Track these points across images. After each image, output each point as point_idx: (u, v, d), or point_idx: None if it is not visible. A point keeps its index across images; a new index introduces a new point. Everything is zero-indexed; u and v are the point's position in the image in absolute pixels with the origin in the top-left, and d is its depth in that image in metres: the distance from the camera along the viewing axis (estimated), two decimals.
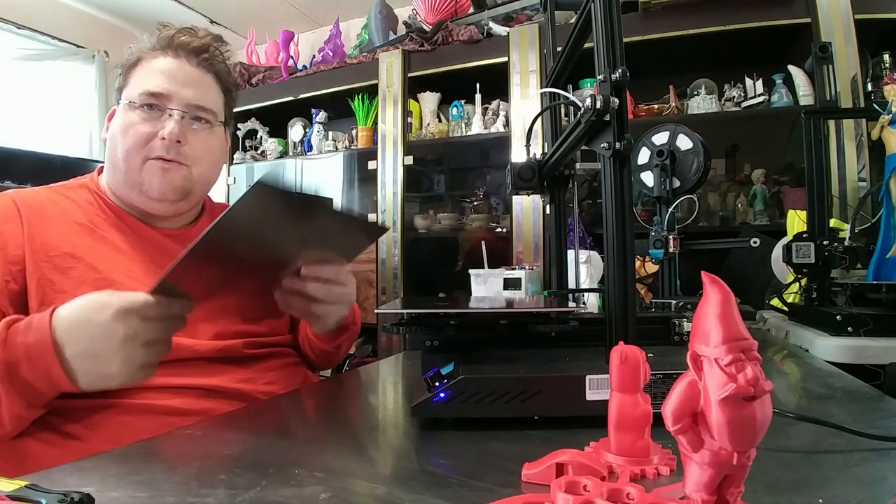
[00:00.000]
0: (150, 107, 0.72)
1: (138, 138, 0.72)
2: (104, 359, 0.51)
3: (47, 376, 0.51)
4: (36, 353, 0.51)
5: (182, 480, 0.38)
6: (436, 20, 2.29)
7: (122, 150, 0.72)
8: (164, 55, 0.75)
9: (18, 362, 0.51)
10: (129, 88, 0.74)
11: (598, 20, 0.51)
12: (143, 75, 0.74)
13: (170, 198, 0.74)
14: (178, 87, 0.73)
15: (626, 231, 0.49)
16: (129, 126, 0.72)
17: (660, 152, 1.00)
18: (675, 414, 0.27)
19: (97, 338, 0.51)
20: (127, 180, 0.73)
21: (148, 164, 0.72)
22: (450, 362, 0.51)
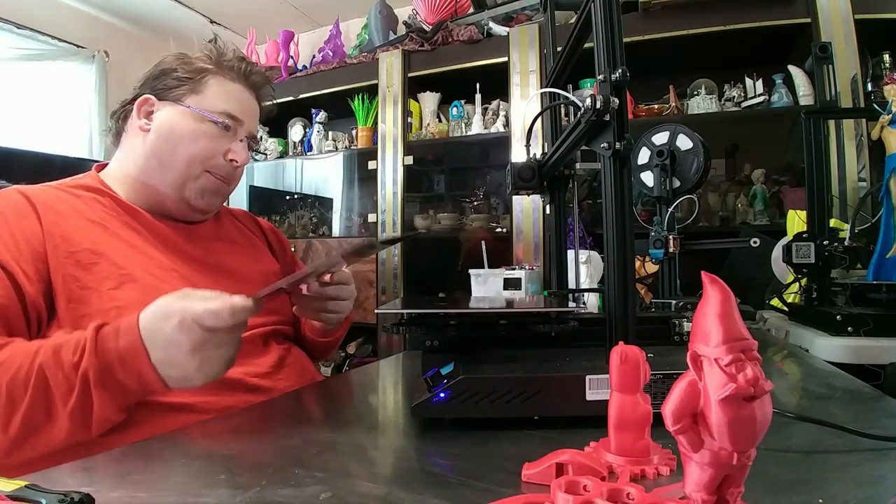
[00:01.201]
0: (225, 126, 0.77)
1: (208, 151, 0.76)
2: (178, 365, 0.52)
3: (139, 378, 0.52)
4: (128, 356, 0.51)
5: (182, 480, 0.38)
6: (436, 20, 2.29)
7: (185, 154, 0.74)
8: (237, 81, 0.80)
9: (112, 366, 0.51)
10: (205, 100, 0.76)
11: (598, 20, 0.51)
12: (224, 94, 0.78)
13: (211, 210, 0.82)
14: (247, 116, 0.80)
15: (626, 231, 0.49)
16: (201, 136, 0.75)
17: (660, 152, 1.00)
18: (675, 414, 0.27)
19: (168, 347, 0.51)
20: (175, 181, 0.75)
21: (205, 177, 0.77)
22: (450, 362, 0.51)
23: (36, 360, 0.52)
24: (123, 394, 0.53)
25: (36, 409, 0.51)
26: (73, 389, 0.50)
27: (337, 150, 2.53)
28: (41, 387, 0.51)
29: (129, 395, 0.53)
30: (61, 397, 0.51)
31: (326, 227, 2.69)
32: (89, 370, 0.51)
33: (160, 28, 2.88)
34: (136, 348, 0.51)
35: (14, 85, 2.60)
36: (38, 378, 0.51)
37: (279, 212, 2.73)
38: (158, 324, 0.51)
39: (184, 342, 0.50)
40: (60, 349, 0.52)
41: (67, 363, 0.51)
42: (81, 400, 0.51)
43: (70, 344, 0.52)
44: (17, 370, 0.51)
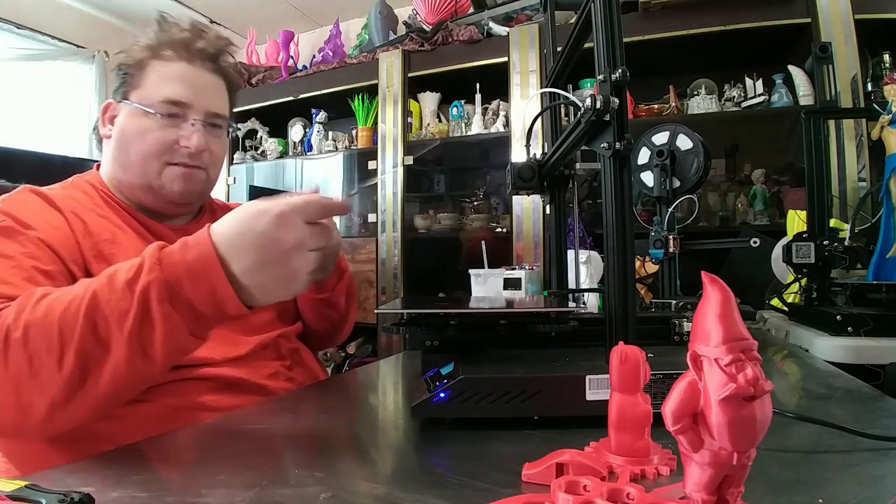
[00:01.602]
0: (170, 115, 0.72)
1: (159, 145, 0.72)
2: (276, 268, 0.46)
3: (212, 295, 0.46)
4: (199, 269, 0.45)
5: (182, 480, 0.38)
6: (436, 20, 2.29)
7: (138, 154, 0.72)
8: (178, 59, 0.74)
9: (180, 281, 0.45)
10: (144, 91, 0.73)
11: (598, 20, 0.51)
12: (161, 80, 0.73)
13: (190, 201, 0.78)
14: (198, 95, 0.74)
15: (626, 231, 0.49)
16: (147, 131, 0.72)
17: (660, 152, 1.00)
18: (675, 414, 0.27)
19: (264, 247, 0.46)
20: (143, 182, 0.73)
21: (168, 169, 0.73)
22: (450, 362, 0.51)
23: (89, 288, 0.47)
24: (193, 314, 0.46)
25: (87, 337, 0.45)
26: (130, 309, 0.45)
27: (337, 151, 2.53)
28: (92, 312, 0.45)
29: (199, 317, 0.47)
30: (116, 320, 0.45)
31: None
32: (150, 286, 0.45)
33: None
34: (208, 261, 0.45)
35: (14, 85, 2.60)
36: (89, 304, 0.45)
37: None
38: (253, 223, 0.46)
39: (285, 237, 0.46)
40: (116, 272, 0.47)
41: (121, 282, 0.46)
42: (140, 319, 0.45)
43: (126, 264, 0.48)
44: (69, 302, 0.46)
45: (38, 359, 0.45)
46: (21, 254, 0.58)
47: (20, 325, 0.46)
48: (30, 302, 0.48)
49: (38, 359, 0.45)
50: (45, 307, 0.47)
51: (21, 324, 0.46)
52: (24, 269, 0.56)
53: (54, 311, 0.46)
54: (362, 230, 2.52)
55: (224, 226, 0.47)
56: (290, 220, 0.46)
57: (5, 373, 0.46)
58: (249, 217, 0.47)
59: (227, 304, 0.46)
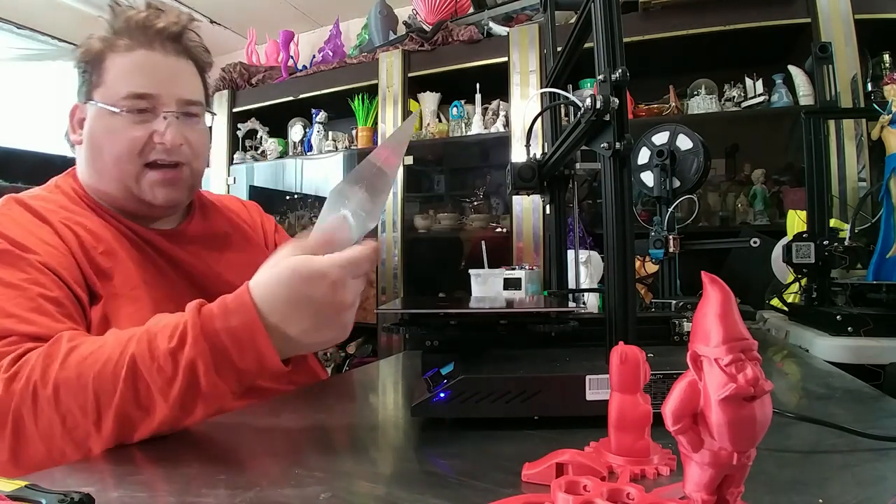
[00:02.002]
0: (138, 110, 0.67)
1: (131, 145, 0.67)
2: (330, 328, 0.46)
3: (258, 361, 0.45)
4: (245, 338, 0.44)
5: (182, 480, 0.38)
6: (436, 20, 2.29)
7: (111, 157, 0.67)
8: (137, 46, 0.68)
9: (226, 351, 0.44)
10: (107, 88, 0.67)
11: (598, 20, 0.51)
12: (122, 73, 0.67)
13: (177, 205, 0.73)
14: (165, 84, 0.68)
15: (626, 231, 0.49)
16: (117, 132, 0.66)
17: (660, 152, 1.00)
18: (675, 414, 0.27)
19: (322, 314, 0.45)
20: (121, 189, 0.69)
21: (148, 175, 0.68)
22: (450, 362, 0.51)
23: (126, 350, 0.45)
24: (238, 379, 0.46)
25: (129, 403, 0.44)
26: (175, 379, 0.44)
27: (337, 151, 2.53)
28: (133, 378, 0.44)
29: (243, 380, 0.46)
30: (160, 389, 0.44)
31: None
32: (197, 359, 0.44)
33: None
34: (254, 329, 0.44)
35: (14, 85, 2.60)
36: (129, 369, 0.44)
37: (279, 212, 2.73)
38: (308, 290, 0.44)
39: (344, 299, 0.45)
40: (156, 337, 0.45)
41: (163, 351, 0.44)
42: (186, 388, 0.44)
43: (166, 329, 0.46)
44: (104, 364, 0.45)
45: (73, 418, 0.45)
46: (24, 280, 0.55)
47: (49, 381, 0.45)
48: (58, 355, 0.46)
49: (73, 418, 0.45)
50: (75, 365, 0.46)
51: (50, 381, 0.45)
52: (31, 299, 0.54)
53: (87, 373, 0.45)
54: None
55: (267, 289, 0.45)
56: (345, 284, 0.45)
57: (35, 428, 0.45)
58: (303, 283, 0.44)
59: (273, 367, 0.46)
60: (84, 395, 0.44)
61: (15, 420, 0.45)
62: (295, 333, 0.45)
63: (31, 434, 0.45)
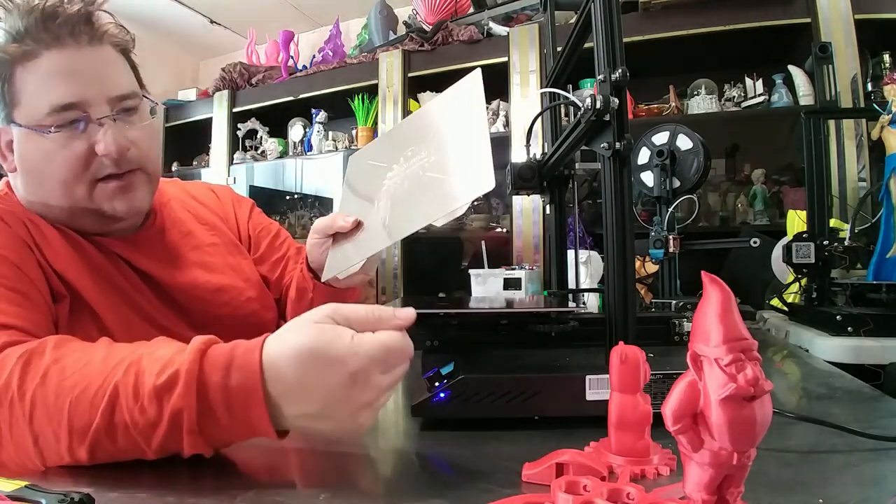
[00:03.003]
0: (66, 125, 0.57)
1: (73, 165, 0.58)
2: (337, 422, 0.40)
3: (247, 427, 0.39)
4: (240, 401, 0.39)
5: (182, 480, 0.38)
6: (436, 20, 2.29)
7: (55, 182, 0.58)
8: (45, 48, 0.57)
9: (215, 411, 0.38)
10: (26, 108, 0.57)
11: (598, 20, 0.51)
12: (36, 85, 0.57)
13: (140, 212, 0.66)
14: (89, 84, 0.58)
15: (626, 231, 0.49)
16: (52, 154, 0.57)
17: (660, 152, 1.00)
18: (675, 414, 0.27)
19: (332, 406, 0.39)
20: (74, 211, 0.61)
21: (99, 188, 0.60)
22: (450, 362, 0.51)
23: (108, 379, 0.40)
24: (221, 439, 0.40)
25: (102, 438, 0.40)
26: (159, 425, 0.39)
27: (337, 151, 2.53)
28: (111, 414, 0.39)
29: (227, 441, 0.41)
30: (141, 431, 0.39)
31: None
32: (183, 412, 0.38)
33: (160, 28, 2.88)
34: (253, 395, 0.38)
35: None
36: (109, 402, 0.39)
37: (279, 212, 2.73)
38: (322, 376, 0.38)
39: (360, 398, 0.38)
40: (144, 371, 0.40)
41: (149, 390, 0.39)
42: (167, 436, 0.39)
43: (157, 364, 0.40)
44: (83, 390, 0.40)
45: (45, 439, 0.41)
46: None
47: (26, 396, 0.41)
48: (39, 367, 0.43)
49: (45, 439, 0.41)
50: (55, 386, 0.41)
51: (27, 395, 0.41)
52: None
53: (64, 397, 0.40)
54: None
55: (281, 360, 0.39)
56: (368, 379, 0.38)
57: (9, 434, 0.42)
58: (314, 366, 0.38)
59: (263, 435, 0.40)
60: (59, 419, 0.40)
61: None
62: (294, 415, 0.39)
63: (5, 437, 0.43)
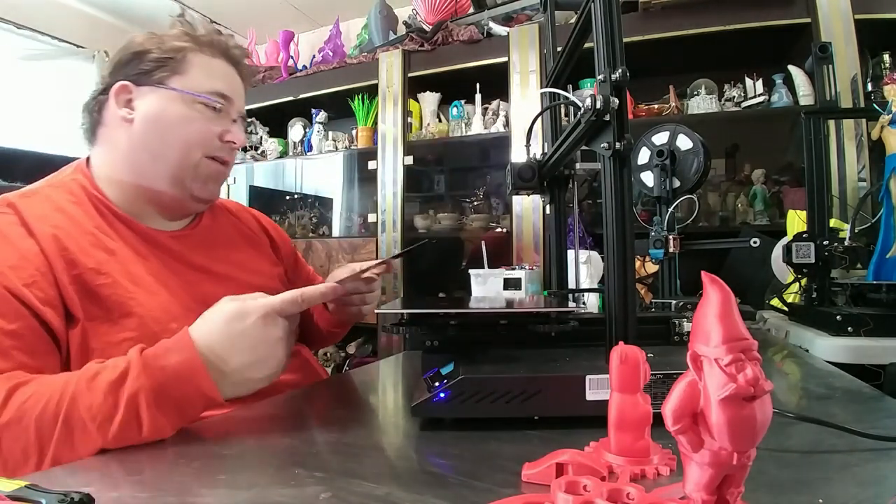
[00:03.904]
0: (216, 106, 0.71)
1: (204, 135, 0.70)
2: (265, 362, 0.52)
3: (199, 395, 0.48)
4: (185, 373, 0.48)
5: (182, 480, 0.38)
6: (436, 20, 2.29)
7: (180, 140, 0.69)
8: (220, 57, 0.75)
9: (165, 387, 0.47)
10: (189, 80, 0.70)
11: (598, 20, 0.51)
12: (206, 72, 0.72)
13: (214, 199, 0.77)
14: (235, 94, 0.75)
15: (626, 231, 0.49)
16: (194, 119, 0.69)
17: (660, 152, 1.00)
18: (675, 414, 0.27)
19: (257, 345, 0.51)
20: (171, 173, 0.69)
21: (205, 163, 0.71)
22: (450, 362, 0.51)
23: (66, 390, 0.46)
24: (179, 414, 0.48)
25: (64, 441, 0.45)
26: (116, 414, 0.45)
27: (337, 150, 2.53)
28: (70, 417, 0.45)
29: (184, 415, 0.48)
30: (99, 425, 0.45)
31: (326, 227, 2.69)
32: (139, 392, 0.45)
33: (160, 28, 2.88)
34: (193, 365, 0.48)
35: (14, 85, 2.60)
36: (69, 409, 0.45)
37: (279, 212, 2.73)
38: (241, 326, 0.50)
39: (274, 332, 0.51)
40: (96, 376, 0.47)
41: (104, 385, 0.46)
42: (126, 423, 0.45)
43: (107, 370, 0.47)
44: (45, 404, 0.46)
45: (14, 460, 0.46)
46: None
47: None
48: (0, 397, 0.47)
49: (14, 460, 0.46)
50: (17, 409, 0.46)
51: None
52: None
53: (29, 414, 0.46)
54: (362, 230, 2.52)
55: (205, 329, 0.51)
56: (273, 319, 0.52)
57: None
58: (236, 320, 0.51)
59: (213, 401, 0.49)
60: (26, 437, 0.46)
61: None
62: (233, 367, 0.50)
63: None
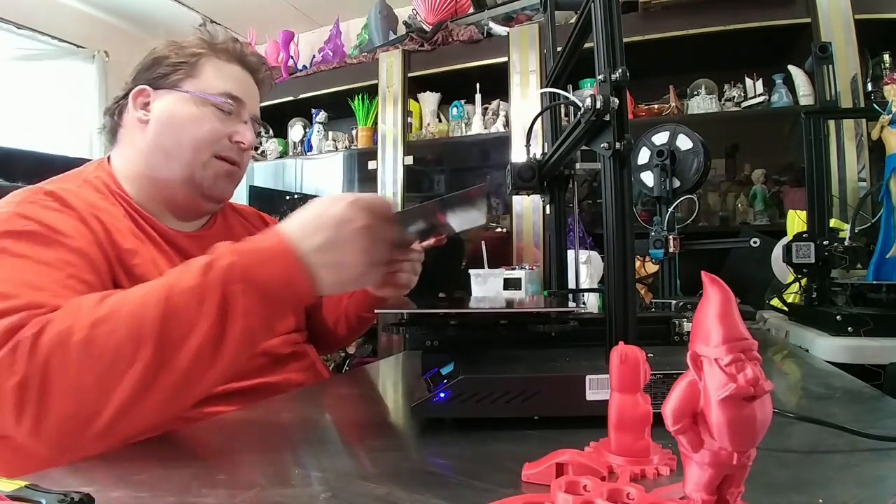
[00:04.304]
0: (227, 108, 0.74)
1: (214, 135, 0.72)
2: (343, 246, 0.50)
3: (286, 275, 0.48)
4: (272, 253, 0.48)
5: (182, 480, 0.38)
6: (436, 20, 2.29)
7: (191, 140, 0.71)
8: (236, 63, 0.77)
9: (253, 266, 0.47)
10: (202, 82, 0.73)
11: (598, 20, 0.51)
12: (219, 75, 0.74)
13: (224, 199, 0.79)
14: (248, 97, 0.77)
15: (626, 231, 0.49)
16: (204, 120, 0.72)
17: (660, 152, 1.00)
18: (675, 414, 0.27)
19: (335, 226, 0.50)
20: (183, 171, 0.71)
21: (214, 163, 0.73)
22: (450, 362, 0.51)
23: (157, 282, 0.47)
24: (267, 297, 0.47)
25: (168, 323, 0.45)
26: (213, 291, 0.45)
27: (337, 150, 2.53)
28: (167, 300, 0.45)
29: (273, 300, 0.48)
30: (197, 304, 0.45)
31: None
32: (230, 268, 0.46)
33: (159, 28, 2.88)
34: (280, 246, 0.48)
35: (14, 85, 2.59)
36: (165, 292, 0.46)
37: (279, 212, 2.72)
38: (325, 209, 0.50)
39: (355, 217, 0.50)
40: (186, 264, 0.48)
41: (196, 268, 0.47)
42: (221, 301, 0.45)
43: (193, 261, 0.48)
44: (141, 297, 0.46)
45: (107, 358, 0.44)
46: (56, 260, 0.54)
47: (82, 325, 0.44)
48: (88, 304, 0.47)
49: (107, 358, 0.44)
50: (109, 305, 0.46)
51: (84, 324, 0.45)
52: (63, 278, 0.53)
53: (123, 307, 0.46)
54: None
55: (294, 217, 0.51)
56: (361, 206, 0.50)
57: (65, 379, 0.43)
58: (324, 205, 0.51)
59: (300, 284, 0.49)
60: (121, 327, 0.45)
61: (42, 377, 0.43)
62: (310, 247, 0.49)
63: (61, 388, 0.43)
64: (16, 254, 0.53)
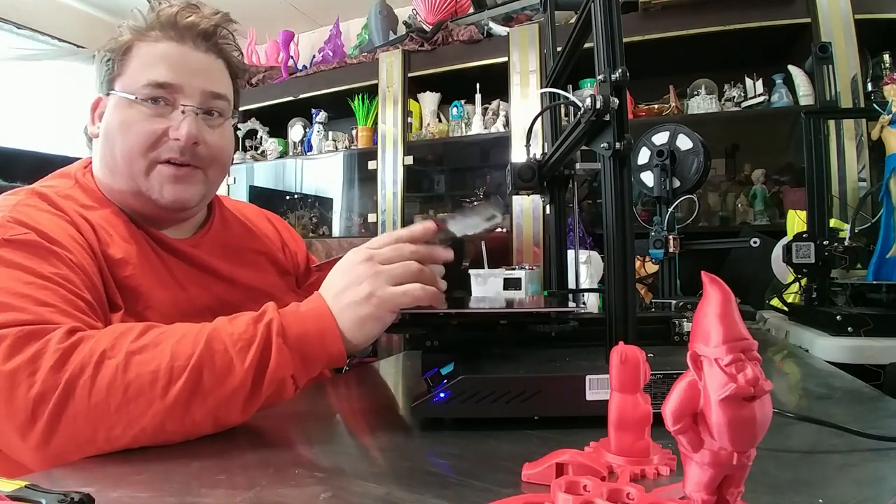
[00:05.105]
0: (155, 100, 0.63)
1: (144, 138, 0.63)
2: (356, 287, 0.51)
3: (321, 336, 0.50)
4: (311, 314, 0.50)
5: (182, 480, 0.38)
6: (436, 20, 2.29)
7: (122, 151, 0.63)
8: (166, 39, 0.65)
9: (293, 324, 0.49)
10: (127, 78, 0.64)
11: (598, 20, 0.51)
12: (144, 62, 0.64)
13: (185, 206, 0.67)
14: (190, 75, 0.65)
15: (626, 231, 0.49)
16: (131, 123, 0.63)
17: (660, 152, 1.00)
18: (675, 414, 0.27)
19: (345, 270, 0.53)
20: (130, 185, 0.64)
21: (157, 170, 0.64)
22: (450, 362, 0.51)
23: (204, 325, 0.48)
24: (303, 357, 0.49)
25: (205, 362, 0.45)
26: (253, 342, 0.46)
27: (337, 150, 2.53)
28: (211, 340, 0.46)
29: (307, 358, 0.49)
30: (239, 351, 0.46)
31: (326, 227, 2.69)
32: (272, 321, 0.48)
33: None
34: (321, 310, 0.50)
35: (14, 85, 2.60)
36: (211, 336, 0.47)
37: (279, 212, 2.71)
38: (342, 261, 0.54)
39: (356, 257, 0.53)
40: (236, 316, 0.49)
41: (245, 319, 0.48)
42: (261, 353, 0.46)
43: (245, 314, 0.50)
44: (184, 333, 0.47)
45: (135, 388, 0.43)
46: (56, 275, 0.51)
47: (120, 349, 0.44)
48: (129, 331, 0.47)
49: (135, 388, 0.43)
50: (150, 337, 0.46)
51: (122, 349, 0.44)
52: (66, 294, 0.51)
53: (162, 341, 0.46)
54: (362, 230, 2.52)
55: (327, 280, 0.54)
56: (360, 249, 0.54)
57: (88, 400, 0.42)
58: (348, 256, 0.55)
59: (335, 344, 0.50)
60: (159, 357, 0.44)
61: (64, 393, 0.42)
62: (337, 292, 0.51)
63: (81, 408, 0.42)
64: (13, 264, 0.50)
